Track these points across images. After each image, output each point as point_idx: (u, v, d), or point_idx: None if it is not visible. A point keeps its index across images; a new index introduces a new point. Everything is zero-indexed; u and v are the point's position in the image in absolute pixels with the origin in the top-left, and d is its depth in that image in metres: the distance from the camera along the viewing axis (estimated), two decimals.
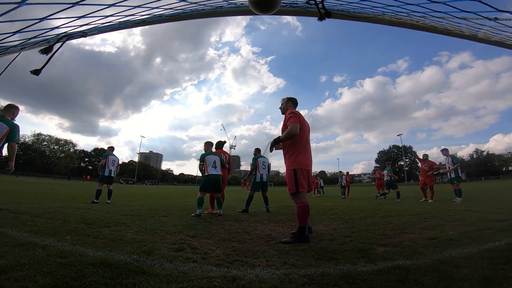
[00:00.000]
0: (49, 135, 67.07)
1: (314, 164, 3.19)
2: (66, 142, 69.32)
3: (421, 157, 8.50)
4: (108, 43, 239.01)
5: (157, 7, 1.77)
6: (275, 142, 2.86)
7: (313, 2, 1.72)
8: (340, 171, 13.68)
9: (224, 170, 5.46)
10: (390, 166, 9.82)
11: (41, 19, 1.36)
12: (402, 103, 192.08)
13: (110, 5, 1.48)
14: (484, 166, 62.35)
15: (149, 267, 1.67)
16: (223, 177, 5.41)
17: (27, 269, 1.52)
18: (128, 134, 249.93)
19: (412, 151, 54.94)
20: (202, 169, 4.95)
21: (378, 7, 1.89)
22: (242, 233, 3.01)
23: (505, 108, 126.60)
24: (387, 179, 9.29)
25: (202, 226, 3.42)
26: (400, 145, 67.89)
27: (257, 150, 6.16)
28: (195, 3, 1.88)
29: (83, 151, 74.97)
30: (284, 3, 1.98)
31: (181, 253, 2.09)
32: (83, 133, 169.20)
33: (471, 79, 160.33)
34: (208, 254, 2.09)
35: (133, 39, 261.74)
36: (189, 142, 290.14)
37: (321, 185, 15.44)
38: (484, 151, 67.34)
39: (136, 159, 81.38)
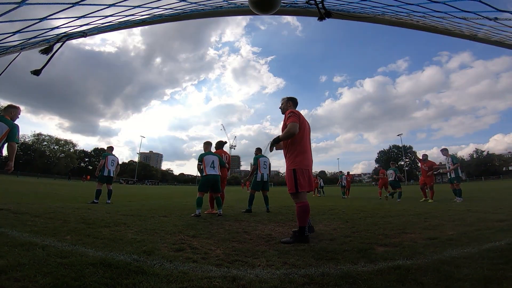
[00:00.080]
0: (49, 135, 67.22)
1: (314, 164, 3.18)
2: (66, 142, 69.42)
3: (421, 157, 8.52)
4: (108, 43, 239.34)
5: (157, 7, 1.77)
6: (275, 142, 2.85)
7: (313, 2, 1.72)
8: (340, 171, 13.70)
9: (224, 170, 5.46)
10: (395, 166, 9.83)
11: (41, 19, 1.36)
12: (402, 103, 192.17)
13: (110, 5, 1.48)
14: (484, 166, 62.35)
15: (149, 267, 1.67)
16: (223, 177, 5.42)
17: (27, 269, 1.52)
18: (128, 134, 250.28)
19: (412, 151, 54.59)
20: (201, 169, 4.96)
21: (378, 7, 1.89)
22: (242, 233, 3.01)
23: (505, 108, 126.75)
24: (392, 179, 9.31)
25: (202, 226, 3.42)
26: (400, 145, 67.87)
27: (258, 150, 6.16)
28: (195, 3, 1.88)
29: (83, 151, 75.03)
30: (284, 3, 1.98)
31: (181, 253, 2.09)
32: (83, 133, 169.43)
33: (471, 79, 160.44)
34: (208, 254, 2.09)
35: (133, 39, 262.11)
36: (189, 142, 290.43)
37: (321, 185, 15.44)
38: (484, 151, 67.45)
39: (136, 159, 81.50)
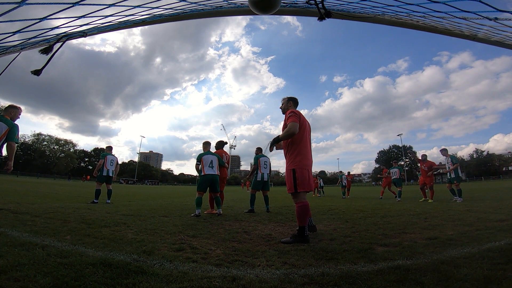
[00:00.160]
0: (49, 135, 67.37)
1: (314, 164, 3.19)
2: (66, 142, 69.49)
3: (420, 157, 8.54)
4: (108, 43, 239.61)
5: (157, 7, 1.77)
6: (275, 141, 2.85)
7: (313, 2, 1.72)
8: (341, 171, 13.70)
9: (224, 170, 5.46)
10: (398, 165, 9.91)
11: (41, 19, 1.36)
12: (402, 103, 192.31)
13: (110, 5, 1.48)
14: (484, 166, 62.34)
15: (149, 267, 1.67)
16: (223, 177, 5.42)
17: (27, 269, 1.52)
18: (128, 134, 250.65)
19: (411, 151, 54.10)
20: (199, 169, 4.97)
21: (378, 7, 1.89)
22: (242, 233, 3.01)
23: (505, 108, 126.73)
24: (396, 177, 9.41)
25: (202, 226, 3.42)
26: (400, 145, 67.91)
27: (259, 150, 6.16)
28: (195, 3, 1.88)
29: (83, 151, 75.03)
30: (284, 3, 1.98)
31: (181, 253, 2.09)
32: (83, 133, 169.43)
33: (471, 79, 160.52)
34: (208, 254, 2.09)
35: (133, 39, 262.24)
36: (189, 142, 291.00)
37: (321, 185, 15.43)
38: (484, 151, 67.46)
39: (136, 159, 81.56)
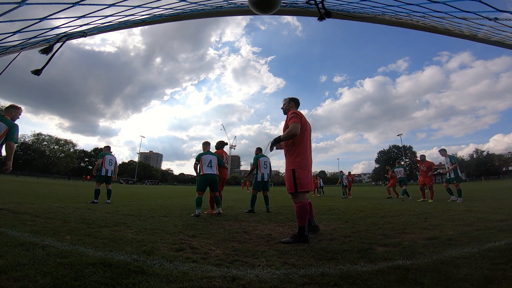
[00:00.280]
0: (49, 135, 67.34)
1: (314, 164, 3.20)
2: (66, 142, 69.46)
3: (419, 158, 8.56)
4: (108, 43, 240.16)
5: (157, 7, 1.77)
6: (276, 142, 2.87)
7: (313, 2, 1.72)
8: (341, 171, 13.68)
9: (224, 170, 5.46)
10: (401, 164, 9.98)
11: (41, 19, 1.36)
12: (402, 103, 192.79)
13: (110, 5, 1.48)
14: (484, 166, 62.33)
15: (149, 267, 1.67)
16: (222, 177, 5.41)
17: (27, 269, 1.52)
18: (128, 134, 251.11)
19: (411, 152, 53.78)
20: (197, 168, 4.98)
21: (378, 7, 1.89)
22: (242, 233, 3.01)
23: (505, 108, 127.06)
24: (401, 177, 9.52)
25: (202, 226, 3.42)
26: (400, 145, 67.89)
27: (259, 150, 6.15)
28: (195, 3, 1.88)
29: (83, 151, 75.02)
30: (284, 3, 1.98)
31: (181, 253, 2.09)
32: (83, 133, 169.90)
33: (471, 79, 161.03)
34: (208, 254, 2.09)
35: (133, 39, 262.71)
36: (189, 142, 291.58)
37: (321, 185, 15.42)
38: (484, 151, 67.44)
39: (136, 159, 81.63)
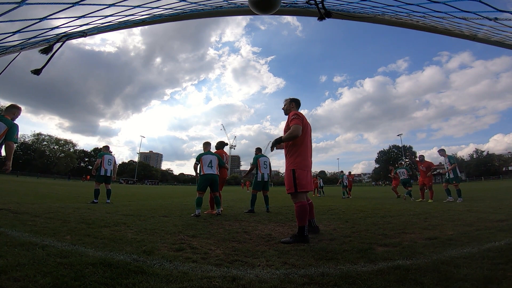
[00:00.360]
0: (49, 135, 67.29)
1: (314, 164, 3.20)
2: (66, 142, 69.43)
3: (418, 158, 8.57)
4: (108, 43, 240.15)
5: (157, 7, 1.77)
6: (277, 142, 2.88)
7: (313, 2, 1.72)
8: (341, 171, 13.66)
9: (224, 171, 5.46)
10: (403, 165, 9.98)
11: (41, 19, 1.36)
12: (402, 103, 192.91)
13: (110, 5, 1.48)
14: (484, 166, 62.29)
15: (149, 267, 1.67)
16: (222, 177, 5.42)
17: (27, 269, 1.52)
18: (128, 134, 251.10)
19: (411, 152, 53.62)
20: (197, 169, 4.99)
21: (378, 7, 1.89)
22: (242, 233, 3.01)
23: (505, 108, 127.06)
24: (404, 178, 9.50)
25: (202, 226, 3.42)
26: (400, 145, 67.91)
27: (258, 150, 6.15)
28: (195, 3, 1.88)
29: (83, 151, 74.96)
30: (284, 3, 1.98)
31: (181, 253, 2.09)
32: (83, 133, 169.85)
33: (471, 79, 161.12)
34: (208, 254, 2.09)
35: (133, 39, 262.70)
36: (189, 142, 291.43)
37: (321, 185, 15.42)
38: (484, 151, 67.36)
39: (136, 159, 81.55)
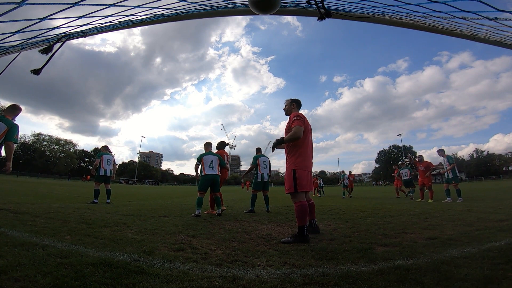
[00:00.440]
0: (49, 135, 67.25)
1: (314, 164, 3.20)
2: (66, 142, 69.42)
3: (417, 159, 8.59)
4: (108, 43, 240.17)
5: (157, 7, 1.77)
6: (278, 143, 2.89)
7: (313, 2, 1.72)
8: (342, 171, 13.65)
9: (225, 171, 5.46)
10: (405, 166, 9.96)
11: (41, 19, 1.36)
12: (402, 103, 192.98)
13: (110, 5, 1.48)
14: (484, 166, 62.28)
15: (149, 267, 1.67)
16: (222, 177, 5.42)
17: (27, 269, 1.52)
18: (128, 134, 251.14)
19: (408, 155, 53.58)
20: (198, 169, 4.99)
21: (378, 7, 1.89)
22: (242, 233, 3.01)
23: (505, 108, 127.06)
24: (406, 178, 9.49)
25: (202, 226, 3.42)
26: (400, 145, 67.90)
27: (258, 150, 6.17)
28: (195, 3, 1.88)
29: (83, 151, 74.93)
30: (284, 3, 1.98)
31: (181, 253, 2.09)
32: (83, 133, 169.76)
33: (471, 79, 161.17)
34: (208, 254, 2.09)
35: (133, 39, 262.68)
36: (189, 142, 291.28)
37: (321, 185, 15.41)
38: (484, 151, 67.33)
39: (136, 159, 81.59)
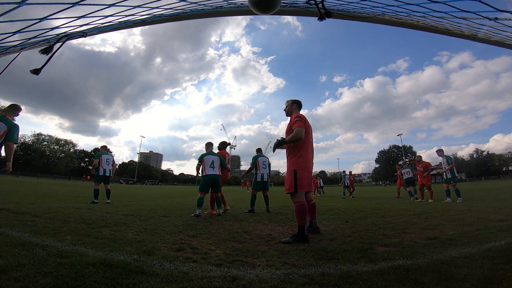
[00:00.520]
0: (49, 135, 67.23)
1: (314, 164, 3.21)
2: (66, 142, 69.39)
3: (415, 159, 8.58)
4: (108, 43, 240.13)
5: (157, 7, 1.77)
6: (280, 143, 2.89)
7: (313, 2, 1.72)
8: (344, 171, 13.63)
9: (225, 171, 5.47)
10: (407, 165, 9.95)
11: (41, 19, 1.36)
12: (402, 103, 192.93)
13: (110, 5, 1.48)
14: (484, 166, 62.26)
15: (149, 267, 1.67)
16: (223, 177, 5.42)
17: (27, 269, 1.52)
18: (128, 134, 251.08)
19: (408, 158, 53.47)
20: (199, 169, 4.99)
21: (378, 7, 1.89)
22: (242, 233, 3.01)
23: (505, 108, 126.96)
24: (408, 177, 9.43)
25: (202, 226, 3.42)
26: (400, 145, 67.96)
27: (259, 150, 6.18)
28: (195, 3, 1.88)
29: (83, 151, 74.89)
30: (284, 3, 1.98)
31: (181, 253, 2.09)
32: (83, 133, 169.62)
33: (471, 79, 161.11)
34: (208, 254, 2.09)
35: (133, 39, 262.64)
36: (189, 142, 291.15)
37: (321, 185, 15.41)
38: (484, 151, 67.32)
39: (136, 159, 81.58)
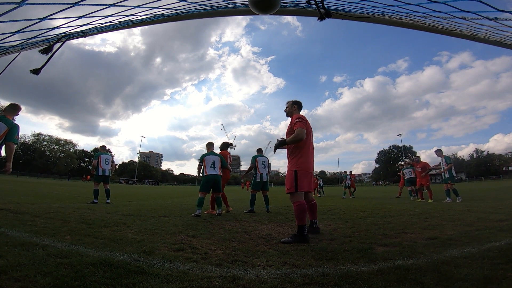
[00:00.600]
0: (49, 135, 67.17)
1: (315, 164, 3.21)
2: (66, 142, 69.34)
3: (414, 160, 8.58)
4: (108, 43, 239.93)
5: (157, 7, 1.77)
6: (281, 144, 2.89)
7: (313, 2, 1.72)
8: (345, 171, 13.63)
9: (227, 172, 5.47)
10: (408, 165, 9.96)
11: (41, 19, 1.36)
12: (402, 103, 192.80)
13: (110, 5, 1.48)
14: (484, 166, 62.26)
15: (149, 267, 1.67)
16: (224, 177, 5.42)
17: (27, 269, 1.52)
18: (128, 134, 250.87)
19: (407, 158, 53.46)
20: (201, 169, 4.99)
21: (378, 7, 1.89)
22: (242, 233, 3.01)
23: (505, 108, 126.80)
24: (410, 177, 9.42)
25: (202, 226, 3.42)
26: (400, 145, 67.99)
27: (259, 150, 6.19)
28: (195, 3, 1.88)
29: (83, 151, 74.84)
30: (284, 3, 1.98)
31: (181, 253, 2.09)
32: (83, 133, 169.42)
33: (471, 79, 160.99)
34: (208, 254, 2.09)
35: (133, 39, 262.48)
36: (189, 142, 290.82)
37: (321, 185, 15.41)
38: (484, 151, 67.32)
39: (136, 159, 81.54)
